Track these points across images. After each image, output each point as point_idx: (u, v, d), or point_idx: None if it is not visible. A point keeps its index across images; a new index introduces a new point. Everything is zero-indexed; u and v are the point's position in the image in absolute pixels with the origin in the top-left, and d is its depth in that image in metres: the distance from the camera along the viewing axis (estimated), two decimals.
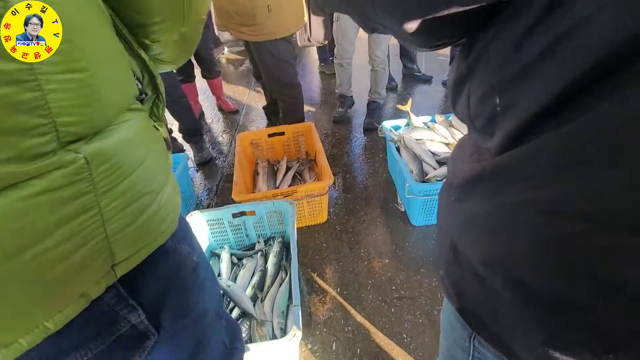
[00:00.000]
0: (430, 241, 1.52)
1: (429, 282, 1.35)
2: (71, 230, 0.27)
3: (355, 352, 1.15)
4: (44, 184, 0.25)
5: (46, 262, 0.26)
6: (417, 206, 1.48)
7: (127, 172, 0.31)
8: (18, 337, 0.26)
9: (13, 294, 0.25)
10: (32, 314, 0.27)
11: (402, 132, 1.73)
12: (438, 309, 1.25)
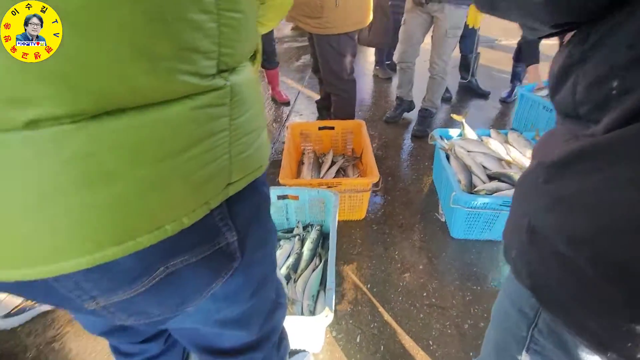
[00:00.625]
0: (469, 256, 1.48)
1: (463, 296, 1.31)
2: (211, 143, 0.32)
3: (379, 348, 1.15)
4: (204, 100, 0.30)
5: (193, 167, 0.31)
6: (461, 218, 1.45)
7: (248, 106, 0.35)
8: (165, 224, 0.31)
9: (171, 187, 0.30)
10: (177, 208, 0.32)
11: (454, 141, 1.70)
12: (469, 322, 1.22)
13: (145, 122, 0.27)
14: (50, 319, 1.28)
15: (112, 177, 0.26)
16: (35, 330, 1.24)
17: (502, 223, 1.44)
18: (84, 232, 0.27)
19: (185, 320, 0.47)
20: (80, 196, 0.26)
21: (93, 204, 0.27)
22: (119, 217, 0.28)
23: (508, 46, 4.39)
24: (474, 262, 1.45)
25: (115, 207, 0.28)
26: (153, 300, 0.38)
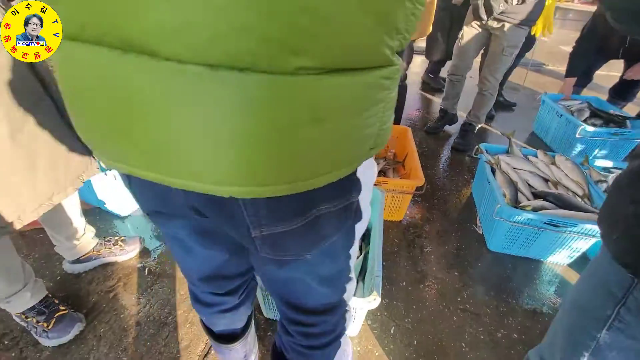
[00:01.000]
0: (505, 270, 1.50)
1: (497, 306, 1.33)
2: (374, 111, 0.38)
3: (412, 342, 1.19)
4: (387, 72, 0.37)
5: (360, 129, 0.38)
6: (502, 231, 1.47)
7: (394, 88, 0.42)
8: (331, 171, 0.38)
9: (342, 143, 0.37)
10: (339, 162, 0.39)
11: (500, 157, 1.72)
12: (503, 332, 1.24)
13: (352, 83, 0.34)
14: (110, 271, 1.40)
15: (314, 124, 0.33)
16: (97, 279, 1.37)
17: (542, 242, 1.45)
18: (279, 166, 0.35)
19: (298, 269, 0.54)
20: (285, 136, 0.33)
21: (290, 144, 0.34)
22: (305, 159, 0.35)
23: (554, 71, 4.31)
24: (510, 277, 1.46)
25: (306, 149, 0.35)
26: (297, 238, 0.45)
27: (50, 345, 1.12)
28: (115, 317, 1.23)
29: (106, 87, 0.32)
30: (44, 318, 1.12)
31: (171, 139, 0.32)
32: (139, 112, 0.32)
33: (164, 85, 0.30)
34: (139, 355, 1.12)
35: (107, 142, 0.38)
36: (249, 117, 0.31)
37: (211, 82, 0.29)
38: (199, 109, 0.30)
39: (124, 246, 1.42)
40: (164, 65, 0.29)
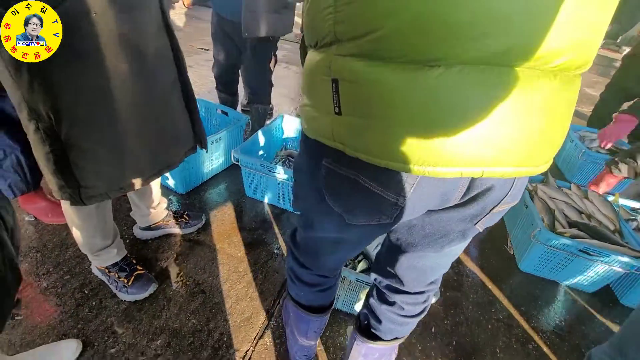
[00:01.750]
0: (535, 289, 1.60)
1: (528, 320, 1.44)
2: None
3: (452, 342, 1.30)
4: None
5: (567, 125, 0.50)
6: (537, 253, 1.58)
7: None
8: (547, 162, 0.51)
9: (558, 137, 0.49)
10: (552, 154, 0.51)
11: (537, 185, 1.84)
12: (533, 345, 1.34)
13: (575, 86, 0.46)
14: (174, 241, 1.51)
15: (565, 117, 0.46)
16: (163, 247, 1.48)
17: (573, 269, 1.56)
18: (548, 148, 0.48)
19: (466, 242, 0.66)
20: (559, 122, 0.46)
21: (556, 132, 0.47)
22: (555, 145, 0.48)
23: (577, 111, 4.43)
24: (539, 296, 1.57)
25: (558, 137, 0.48)
26: (501, 214, 0.58)
27: (127, 299, 1.23)
28: (182, 284, 1.34)
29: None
30: (125, 275, 1.23)
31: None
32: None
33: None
34: (205, 319, 1.23)
35: (464, 149, 0.43)
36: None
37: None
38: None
39: (189, 220, 1.54)
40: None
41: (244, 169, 1.73)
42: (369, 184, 0.51)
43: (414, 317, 0.81)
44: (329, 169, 0.55)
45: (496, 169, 0.45)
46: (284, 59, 4.37)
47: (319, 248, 0.75)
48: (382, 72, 0.42)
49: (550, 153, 0.48)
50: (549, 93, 0.42)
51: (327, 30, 0.46)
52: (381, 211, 0.54)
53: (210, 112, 2.12)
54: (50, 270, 1.31)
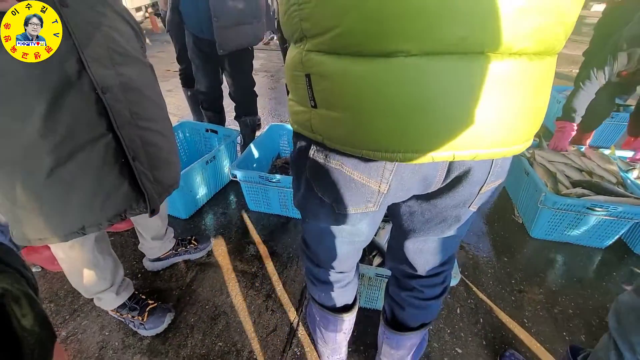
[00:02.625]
0: (549, 254, 1.61)
1: (548, 286, 1.44)
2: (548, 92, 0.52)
3: (479, 320, 1.30)
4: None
5: (545, 105, 0.51)
6: (545, 218, 1.58)
7: None
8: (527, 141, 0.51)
9: (537, 117, 0.50)
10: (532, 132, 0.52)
11: (534, 150, 1.85)
12: (559, 309, 1.34)
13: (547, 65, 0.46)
14: (185, 267, 1.50)
15: (540, 96, 0.47)
16: (175, 275, 1.47)
17: (583, 227, 1.57)
18: (525, 128, 0.48)
19: (468, 221, 0.67)
20: (533, 102, 0.47)
21: (529, 112, 0.47)
22: (532, 125, 0.49)
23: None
24: (555, 260, 1.57)
25: (534, 117, 0.48)
26: (495, 190, 0.60)
27: (149, 335, 1.22)
28: (201, 308, 1.33)
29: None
30: (137, 313, 1.21)
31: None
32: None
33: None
34: (231, 340, 1.21)
35: (433, 135, 0.45)
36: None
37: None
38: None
39: (197, 245, 1.52)
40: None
41: (244, 183, 1.72)
42: (352, 173, 0.54)
43: (435, 299, 0.81)
44: (314, 160, 0.57)
45: (467, 152, 0.46)
46: (262, 67, 4.37)
47: (323, 240, 0.75)
48: (348, 65, 0.44)
49: (524, 134, 0.49)
50: (515, 76, 0.43)
51: (295, 27, 0.48)
52: (366, 199, 0.57)
53: (198, 133, 2.11)
54: (67, 318, 1.28)
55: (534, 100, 0.47)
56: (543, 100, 0.48)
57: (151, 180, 0.96)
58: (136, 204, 0.94)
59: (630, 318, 0.73)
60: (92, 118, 0.79)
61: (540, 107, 0.49)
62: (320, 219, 0.68)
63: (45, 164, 0.76)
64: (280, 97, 3.38)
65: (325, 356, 1.08)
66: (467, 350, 1.20)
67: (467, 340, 1.23)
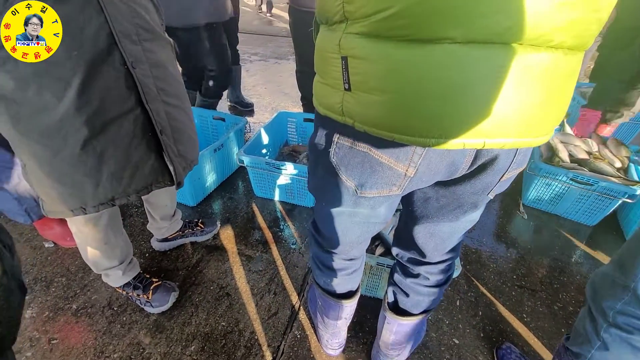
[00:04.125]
0: (552, 252, 1.60)
1: (550, 282, 1.44)
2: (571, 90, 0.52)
3: (478, 313, 1.31)
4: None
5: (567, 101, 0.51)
6: (533, 184, 1.73)
7: None
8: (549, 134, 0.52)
9: (560, 110, 0.51)
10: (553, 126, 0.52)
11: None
12: (559, 305, 1.35)
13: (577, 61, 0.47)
14: (191, 249, 1.54)
15: (565, 91, 0.47)
16: (182, 256, 1.51)
17: (569, 199, 1.70)
18: (551, 120, 0.49)
19: (479, 210, 0.67)
20: (561, 96, 0.48)
21: (556, 105, 0.48)
22: (557, 117, 0.49)
23: None
24: (559, 258, 1.57)
25: (560, 110, 0.49)
26: (510, 180, 0.59)
27: (155, 312, 1.26)
28: (206, 289, 1.36)
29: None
30: (141, 291, 1.25)
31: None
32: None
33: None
34: (234, 321, 1.25)
35: (468, 122, 0.46)
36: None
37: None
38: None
39: (204, 227, 1.56)
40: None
41: (251, 169, 1.74)
42: (380, 156, 0.54)
43: (440, 286, 0.82)
44: (341, 144, 0.57)
45: (496, 140, 0.47)
46: (273, 54, 4.35)
47: (337, 225, 0.75)
48: (390, 49, 0.44)
49: (549, 125, 0.50)
50: (548, 69, 0.44)
51: (336, 10, 0.48)
52: (392, 182, 0.57)
53: (206, 120, 2.12)
54: (78, 292, 1.33)
55: (561, 93, 0.48)
56: (569, 94, 0.49)
57: (176, 154, 1.00)
58: (162, 177, 0.99)
59: (604, 285, 0.79)
60: (122, 92, 0.82)
61: (566, 101, 0.50)
62: (340, 202, 0.69)
63: (79, 136, 0.79)
64: (286, 85, 3.37)
65: (325, 340, 1.11)
66: (464, 341, 1.22)
67: (465, 331, 1.25)
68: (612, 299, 0.76)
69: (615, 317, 0.76)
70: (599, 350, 0.80)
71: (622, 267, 0.76)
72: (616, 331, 0.76)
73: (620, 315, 0.75)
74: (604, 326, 0.78)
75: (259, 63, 4.03)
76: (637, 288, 0.71)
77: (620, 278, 0.75)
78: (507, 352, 1.15)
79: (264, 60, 4.16)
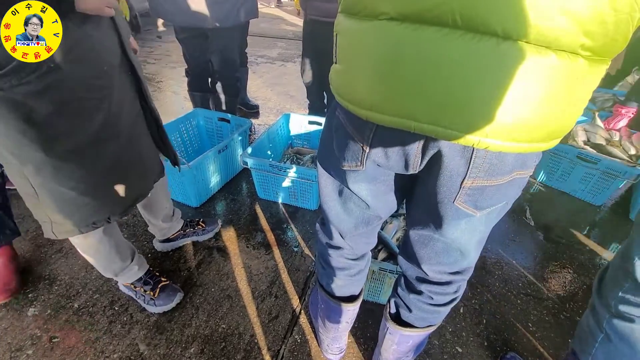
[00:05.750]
0: (560, 259, 1.57)
1: (556, 290, 1.41)
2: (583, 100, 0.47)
3: (482, 321, 1.29)
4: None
5: (579, 110, 0.48)
6: (544, 161, 1.82)
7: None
8: (552, 139, 0.48)
9: (567, 118, 0.46)
10: (559, 131, 0.48)
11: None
12: (565, 315, 1.32)
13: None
14: (194, 249, 1.53)
15: (576, 95, 0.44)
16: (184, 257, 1.50)
17: (576, 177, 1.78)
18: (551, 126, 0.44)
19: (470, 225, 0.62)
20: (563, 101, 0.43)
21: (548, 110, 0.43)
22: (559, 124, 0.45)
23: None
24: (566, 265, 1.54)
25: (561, 117, 0.45)
26: (495, 194, 0.54)
27: (156, 312, 1.26)
28: (207, 291, 1.36)
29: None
30: (150, 287, 1.26)
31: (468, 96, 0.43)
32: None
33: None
34: (234, 323, 1.24)
35: (396, 99, 0.46)
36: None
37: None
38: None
39: (205, 227, 1.56)
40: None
41: (254, 171, 1.73)
42: (347, 127, 0.59)
43: (444, 305, 0.79)
44: (337, 117, 0.63)
45: (426, 125, 0.46)
46: (279, 57, 4.36)
47: (333, 205, 0.76)
48: (354, 24, 0.50)
49: (503, 130, 0.43)
50: (489, 59, 0.40)
51: None
52: (356, 156, 0.60)
53: (211, 122, 2.12)
54: (80, 291, 1.34)
55: (522, 97, 0.42)
56: (544, 103, 0.43)
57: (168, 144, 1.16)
58: (159, 167, 1.16)
59: (609, 275, 0.79)
60: (133, 96, 0.95)
61: (536, 109, 0.43)
62: (330, 174, 0.72)
63: (110, 146, 0.89)
64: (292, 87, 3.37)
65: (325, 344, 1.09)
66: (467, 350, 1.19)
67: (469, 339, 1.22)
68: (615, 286, 0.76)
69: (617, 306, 0.75)
70: (601, 343, 0.79)
71: (624, 254, 0.75)
72: (618, 321, 0.76)
73: (622, 304, 0.75)
74: (606, 317, 0.78)
75: (265, 65, 4.04)
76: (634, 271, 0.71)
77: (622, 264, 0.75)
78: None
79: (270, 62, 4.17)
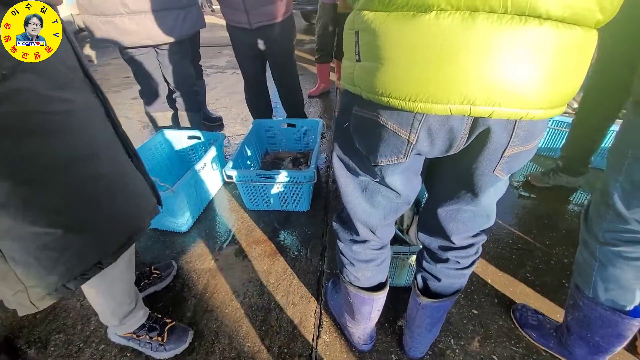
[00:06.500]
0: (537, 211, 1.73)
1: (542, 240, 1.56)
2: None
3: (487, 282, 1.38)
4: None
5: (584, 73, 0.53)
6: None
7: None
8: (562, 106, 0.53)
9: (572, 82, 0.51)
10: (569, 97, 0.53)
11: None
12: (555, 260, 1.46)
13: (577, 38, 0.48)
14: (195, 277, 1.47)
15: (566, 67, 0.48)
16: (187, 285, 1.44)
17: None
18: (545, 95, 0.48)
19: (498, 190, 0.69)
20: (558, 72, 0.48)
21: (553, 80, 0.48)
22: (555, 93, 0.49)
23: None
24: (544, 216, 1.70)
25: (552, 84, 0.48)
26: (526, 156, 0.60)
27: (168, 357, 1.17)
28: (221, 313, 1.31)
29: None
30: (157, 333, 1.17)
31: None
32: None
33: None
34: (259, 339, 1.22)
35: (452, 88, 0.48)
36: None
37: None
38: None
39: (160, 273, 1.44)
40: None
41: (240, 183, 1.69)
42: (386, 123, 0.58)
43: (469, 267, 0.86)
44: (357, 114, 0.62)
45: (482, 107, 0.48)
46: (229, 64, 4.26)
47: (360, 201, 0.77)
48: (386, 19, 0.50)
49: (545, 99, 0.49)
50: (534, 39, 0.45)
51: None
52: (397, 149, 0.60)
53: (180, 140, 2.04)
54: (82, 346, 1.23)
55: (558, 69, 0.47)
56: (571, 72, 0.49)
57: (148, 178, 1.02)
58: (153, 203, 1.01)
59: (593, 210, 0.89)
60: (103, 118, 0.82)
61: (569, 77, 0.49)
62: (360, 172, 0.72)
63: (84, 161, 0.76)
64: None
65: (357, 337, 1.11)
66: (482, 311, 1.28)
67: (481, 301, 1.31)
68: (600, 219, 0.86)
69: (604, 236, 0.86)
70: (599, 270, 0.89)
71: (602, 191, 0.85)
72: (607, 248, 0.86)
73: (607, 233, 0.85)
74: (597, 247, 0.88)
75: (216, 75, 3.93)
76: (614, 203, 0.80)
77: (603, 199, 0.84)
78: (523, 311, 1.22)
79: (220, 71, 4.06)
